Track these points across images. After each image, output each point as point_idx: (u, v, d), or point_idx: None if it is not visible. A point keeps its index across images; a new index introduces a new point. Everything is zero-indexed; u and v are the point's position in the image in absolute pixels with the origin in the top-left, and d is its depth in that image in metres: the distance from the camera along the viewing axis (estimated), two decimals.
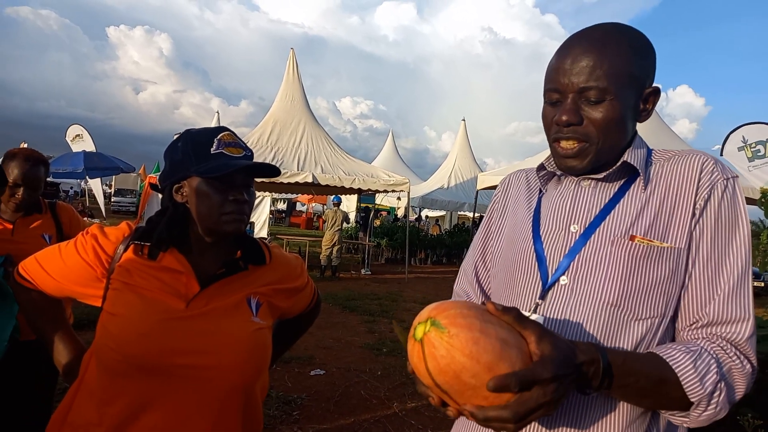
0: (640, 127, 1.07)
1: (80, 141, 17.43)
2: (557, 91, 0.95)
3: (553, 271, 0.95)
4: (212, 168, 1.09)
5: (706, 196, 0.91)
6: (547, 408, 0.73)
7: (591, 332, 0.90)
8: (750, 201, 7.19)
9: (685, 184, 0.93)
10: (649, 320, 0.89)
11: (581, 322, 0.90)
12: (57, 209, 2.38)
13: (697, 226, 0.91)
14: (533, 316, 0.94)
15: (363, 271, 12.63)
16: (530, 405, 0.72)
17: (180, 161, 1.14)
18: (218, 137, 1.14)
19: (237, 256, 1.19)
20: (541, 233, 1.00)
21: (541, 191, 1.08)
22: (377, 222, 17.63)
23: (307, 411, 3.92)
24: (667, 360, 0.82)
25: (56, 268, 1.17)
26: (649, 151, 1.01)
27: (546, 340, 0.75)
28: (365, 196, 16.19)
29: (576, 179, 1.01)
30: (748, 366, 0.86)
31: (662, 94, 1.05)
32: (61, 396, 1.21)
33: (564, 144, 0.96)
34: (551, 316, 0.93)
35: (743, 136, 9.63)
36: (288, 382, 4.50)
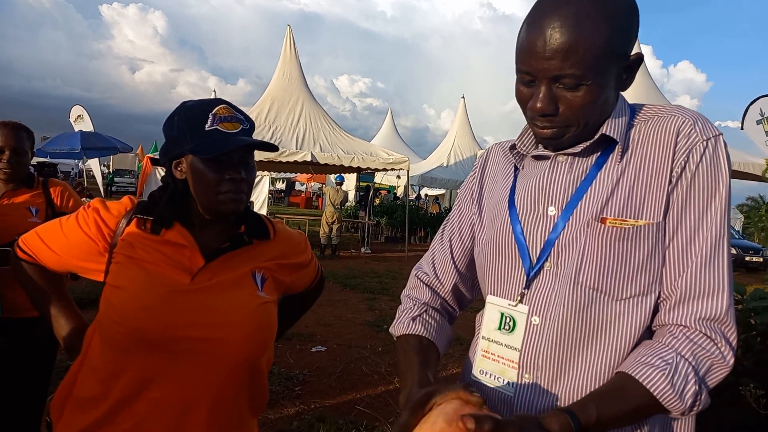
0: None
1: (81, 121, 17.37)
2: (529, 74, 0.88)
3: (536, 259, 0.93)
4: (205, 148, 1.07)
5: (683, 163, 0.86)
6: None
7: (575, 317, 0.88)
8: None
9: (661, 152, 0.88)
10: (634, 299, 0.87)
11: (565, 307, 0.89)
12: (48, 185, 2.37)
13: (672, 196, 0.86)
14: (519, 307, 0.94)
15: (363, 249, 12.66)
16: None
17: (176, 137, 1.12)
18: (213, 112, 1.10)
19: (241, 231, 1.18)
20: (519, 216, 0.97)
21: (516, 168, 1.04)
22: (377, 201, 17.62)
23: (309, 387, 3.96)
24: (643, 383, 0.79)
25: (58, 242, 1.16)
26: (632, 113, 0.95)
27: None
28: (364, 174, 16.15)
29: (552, 155, 0.96)
30: (728, 352, 0.82)
31: (664, 71, 0.99)
32: (62, 373, 1.20)
33: (540, 126, 0.91)
34: (536, 305, 0.92)
35: (761, 109, 9.36)
36: (290, 358, 4.54)
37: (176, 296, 1.06)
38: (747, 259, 14.34)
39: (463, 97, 19.05)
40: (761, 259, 14.26)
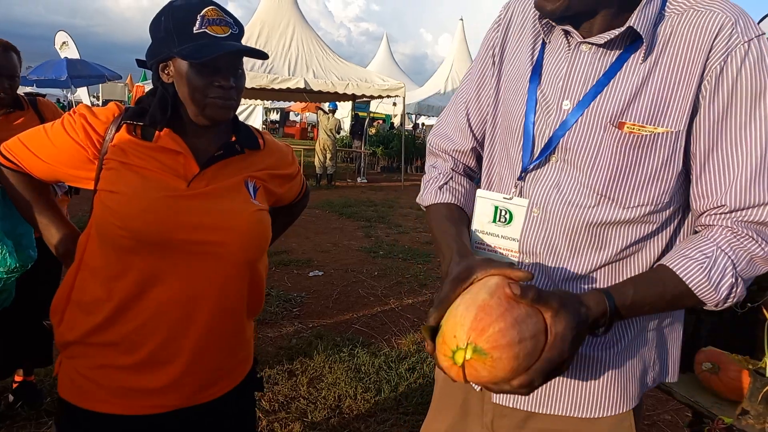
0: None
1: (67, 49, 16.72)
2: None
3: (538, 152, 0.91)
4: (193, 52, 1.03)
5: (719, 68, 0.79)
6: (563, 369, 0.76)
7: (578, 218, 0.88)
8: None
9: (694, 53, 0.81)
10: (641, 208, 0.86)
11: (568, 206, 0.88)
12: (39, 105, 2.34)
13: (711, 104, 0.81)
14: (516, 200, 0.93)
15: (359, 179, 12.64)
16: (549, 374, 0.75)
17: (163, 39, 1.08)
18: (202, 13, 1.05)
19: (233, 140, 1.17)
20: (537, 99, 0.93)
21: (544, 42, 0.96)
22: (372, 130, 17.38)
23: (307, 308, 4.08)
24: (680, 274, 0.80)
25: (44, 149, 1.13)
26: (664, 2, 0.86)
27: (561, 318, 0.74)
28: (359, 104, 15.82)
29: (577, 41, 0.89)
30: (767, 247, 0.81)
31: None
32: None
33: None
34: (537, 197, 0.91)
35: None
36: (288, 282, 4.65)
37: (174, 200, 1.06)
38: None
39: (462, 20, 18.32)
40: None
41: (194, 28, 1.05)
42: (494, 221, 0.96)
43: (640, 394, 0.98)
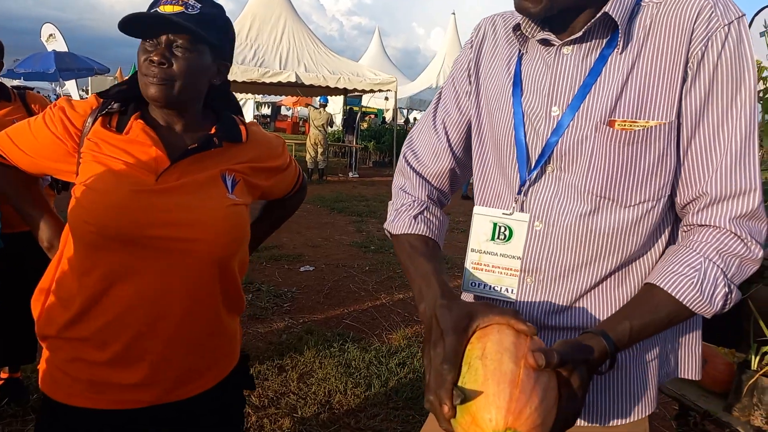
0: None
1: (54, 41, 16.47)
2: None
3: (534, 162, 0.89)
4: (120, 23, 1.02)
5: (700, 53, 0.78)
6: (577, 417, 0.74)
7: (582, 224, 0.86)
8: None
9: (676, 41, 0.80)
10: (642, 205, 0.84)
11: (570, 214, 0.86)
12: (27, 98, 2.33)
13: (692, 91, 0.80)
14: (517, 215, 0.91)
15: (350, 174, 12.62)
16: (567, 425, 0.73)
17: None
18: None
19: (211, 133, 1.14)
20: (523, 110, 0.91)
21: (521, 54, 0.95)
22: (364, 125, 17.33)
23: (298, 303, 4.07)
24: (672, 293, 0.79)
25: (27, 143, 1.14)
26: None
27: (576, 375, 0.71)
28: (351, 98, 15.77)
29: (557, 45, 0.88)
30: (756, 248, 0.80)
31: None
32: None
33: None
34: (539, 210, 0.89)
35: (765, 21, 8.87)
36: (278, 277, 4.63)
37: (142, 195, 1.04)
38: None
39: (454, 14, 18.30)
40: None
41: (152, 8, 1.05)
42: (493, 239, 0.93)
43: (656, 398, 0.96)
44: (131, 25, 1.03)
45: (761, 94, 2.08)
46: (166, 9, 1.02)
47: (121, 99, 1.11)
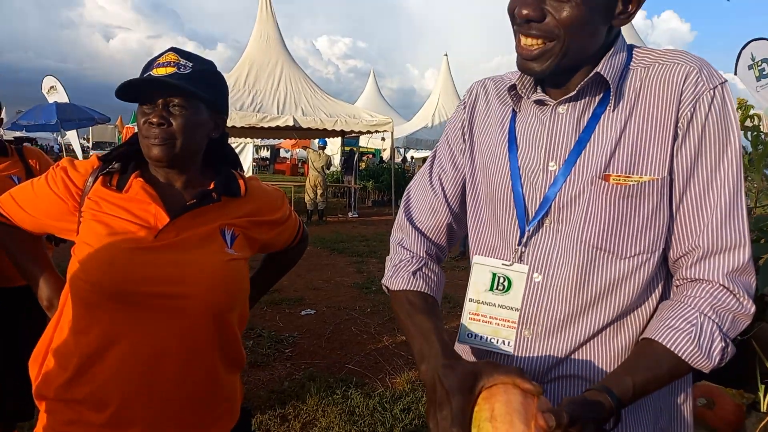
0: None
1: (55, 93, 16.81)
2: None
3: (533, 215, 0.92)
4: (116, 89, 1.08)
5: (689, 114, 0.83)
6: None
7: (579, 276, 0.87)
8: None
9: (665, 103, 0.84)
10: (637, 257, 0.86)
11: (568, 265, 0.88)
12: (24, 152, 2.37)
13: (682, 149, 0.83)
14: (516, 266, 0.92)
15: (350, 214, 12.66)
16: None
17: None
18: (160, 59, 1.10)
19: (210, 188, 1.16)
20: (519, 166, 0.94)
21: (514, 111, 0.99)
22: (362, 165, 17.51)
23: (300, 348, 4.02)
24: (671, 348, 0.80)
25: (30, 202, 1.16)
26: (630, 55, 0.91)
27: None
28: (349, 139, 15.98)
29: (552, 104, 0.92)
30: (748, 303, 0.82)
31: (648, 22, 0.93)
32: None
33: (525, 42, 0.86)
34: (537, 262, 0.90)
35: (752, 53, 9.04)
36: (279, 322, 4.58)
37: (138, 253, 1.06)
38: None
39: (446, 55, 18.75)
40: None
41: (145, 72, 1.09)
42: (491, 289, 0.94)
43: None
44: (127, 90, 1.08)
45: (751, 131, 2.13)
46: (159, 72, 1.07)
47: (121, 159, 1.14)
